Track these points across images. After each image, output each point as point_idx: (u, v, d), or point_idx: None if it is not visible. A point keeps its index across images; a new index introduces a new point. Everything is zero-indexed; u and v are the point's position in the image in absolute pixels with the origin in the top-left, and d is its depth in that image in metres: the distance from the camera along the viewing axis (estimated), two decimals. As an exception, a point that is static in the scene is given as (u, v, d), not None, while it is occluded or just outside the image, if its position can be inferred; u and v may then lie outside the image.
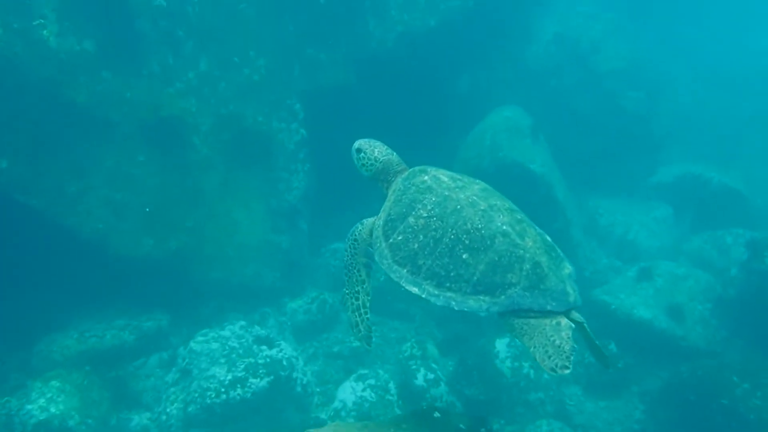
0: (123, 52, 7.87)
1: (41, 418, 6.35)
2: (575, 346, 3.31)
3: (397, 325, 9.26)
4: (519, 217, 3.83)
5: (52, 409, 6.43)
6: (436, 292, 3.64)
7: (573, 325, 3.46)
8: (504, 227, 3.66)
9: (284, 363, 7.04)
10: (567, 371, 3.20)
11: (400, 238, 3.87)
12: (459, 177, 4.16)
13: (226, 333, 7.42)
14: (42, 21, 7.17)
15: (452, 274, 3.62)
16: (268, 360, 6.96)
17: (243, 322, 7.75)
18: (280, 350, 7.28)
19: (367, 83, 9.89)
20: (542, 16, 12.74)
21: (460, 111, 11.42)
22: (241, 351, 7.07)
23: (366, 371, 7.75)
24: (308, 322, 8.82)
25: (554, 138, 11.10)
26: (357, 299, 4.23)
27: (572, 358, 3.25)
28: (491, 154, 9.65)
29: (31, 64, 7.01)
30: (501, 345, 8.05)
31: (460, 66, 11.54)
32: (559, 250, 3.86)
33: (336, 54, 9.59)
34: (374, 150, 4.58)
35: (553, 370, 3.24)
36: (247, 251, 8.83)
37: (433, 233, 3.76)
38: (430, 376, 7.77)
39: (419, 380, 7.69)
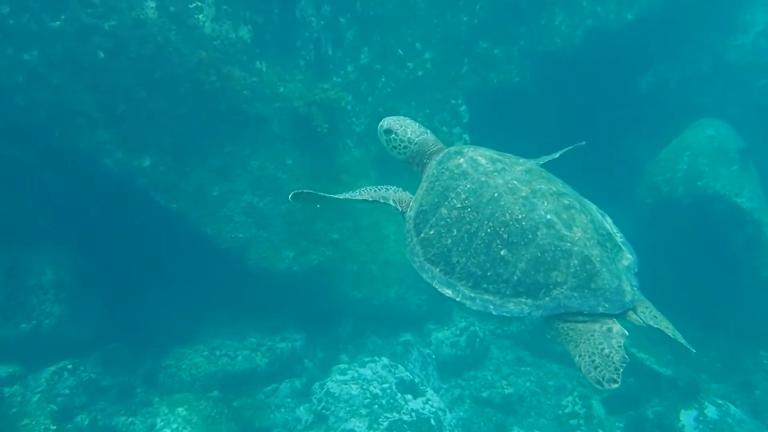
0: (280, 41, 7.01)
1: (165, 453, 5.75)
2: (626, 356, 2.81)
3: (556, 371, 8.00)
4: (567, 202, 3.26)
5: (177, 444, 5.82)
6: (472, 295, 3.17)
7: (626, 333, 2.95)
8: (548, 216, 3.16)
9: (432, 422, 6.04)
10: (615, 385, 2.75)
11: (432, 232, 3.40)
12: (500, 158, 3.56)
13: (367, 373, 6.51)
14: (199, 4, 6.40)
15: (489, 273, 3.15)
16: (414, 417, 5.99)
17: (386, 360, 6.82)
18: (426, 401, 6.31)
19: (541, 83, 8.53)
20: (752, 2, 10.61)
21: (642, 115, 9.75)
22: (384, 401, 6.14)
23: (521, 432, 6.66)
24: (455, 357, 7.79)
25: (758, 154, 9.20)
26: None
27: (622, 370, 2.78)
28: (688, 182, 7.99)
29: (183, 53, 6.26)
30: (687, 418, 6.74)
31: (645, 61, 9.82)
32: (617, 237, 3.35)
33: (512, 49, 8.26)
34: (407, 130, 4.07)
35: (599, 383, 2.78)
36: (392, 270, 7.87)
37: (468, 226, 3.27)
38: (596, 446, 6.55)
39: (583, 451, 6.51)
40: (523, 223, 3.15)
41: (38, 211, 6.58)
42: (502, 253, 3.13)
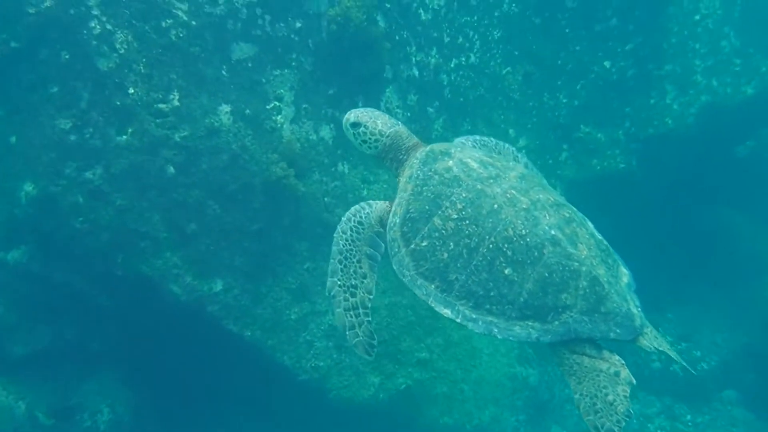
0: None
1: None
2: (631, 410, 2.67)
3: None
4: (567, 214, 3.13)
5: None
6: (474, 316, 2.97)
7: (634, 381, 2.80)
8: (552, 232, 3.00)
9: None
10: None
11: (424, 244, 3.15)
12: (489, 160, 3.35)
13: None
14: (277, 103, 5.62)
15: (492, 293, 2.96)
16: None
17: None
18: None
19: (648, 168, 7.57)
20: None
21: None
22: None
23: None
24: (561, 495, 6.74)
25: None
26: (353, 296, 3.38)
27: (624, 424, 2.64)
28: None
29: (260, 161, 5.46)
30: None
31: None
32: (613, 252, 3.20)
33: (617, 132, 7.34)
34: (377, 122, 3.80)
35: (596, 429, 2.66)
36: (485, 389, 6.89)
37: (467, 240, 3.05)
38: None
39: None
40: (528, 239, 2.96)
41: (93, 339, 5.77)
42: (506, 272, 2.95)
